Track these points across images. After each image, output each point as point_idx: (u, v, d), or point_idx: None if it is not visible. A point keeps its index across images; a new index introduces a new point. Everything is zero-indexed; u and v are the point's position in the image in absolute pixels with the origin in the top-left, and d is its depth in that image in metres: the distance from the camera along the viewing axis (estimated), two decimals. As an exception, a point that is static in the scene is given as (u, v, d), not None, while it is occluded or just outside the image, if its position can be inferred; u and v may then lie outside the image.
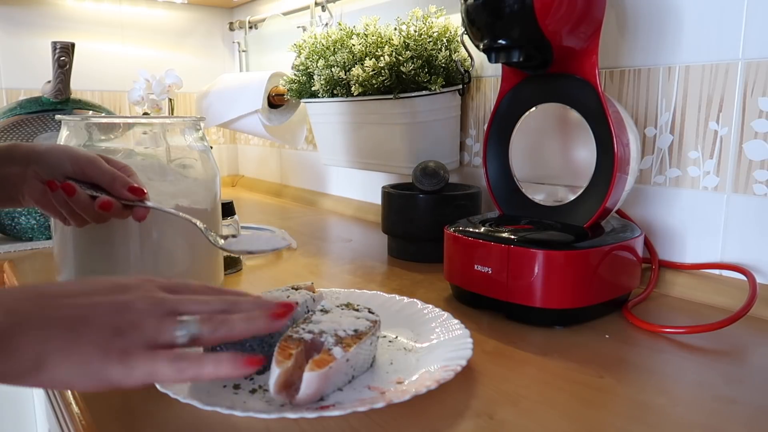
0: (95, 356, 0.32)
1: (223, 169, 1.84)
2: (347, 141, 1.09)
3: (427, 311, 0.60)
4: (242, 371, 0.35)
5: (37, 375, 0.32)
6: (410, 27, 0.91)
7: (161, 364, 0.33)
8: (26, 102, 1.01)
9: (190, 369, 0.34)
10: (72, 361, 0.32)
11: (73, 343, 0.32)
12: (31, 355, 0.32)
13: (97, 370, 0.32)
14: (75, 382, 0.33)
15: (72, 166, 0.56)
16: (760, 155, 0.65)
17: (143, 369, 0.33)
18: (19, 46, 1.48)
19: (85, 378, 0.32)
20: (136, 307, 0.35)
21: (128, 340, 0.33)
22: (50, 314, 0.33)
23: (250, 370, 0.35)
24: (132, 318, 0.34)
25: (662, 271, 0.74)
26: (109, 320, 0.34)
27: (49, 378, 0.32)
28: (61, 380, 0.32)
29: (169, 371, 0.33)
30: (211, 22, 1.77)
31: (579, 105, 0.67)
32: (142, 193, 0.57)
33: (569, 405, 0.45)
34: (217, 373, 0.34)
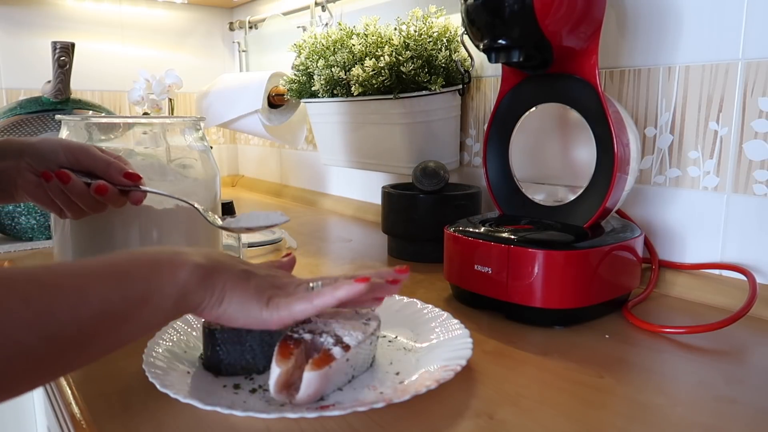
0: (254, 299, 0.42)
1: (223, 169, 1.84)
2: (347, 141, 1.09)
3: (426, 311, 0.60)
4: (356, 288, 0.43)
5: (219, 306, 0.41)
6: (410, 27, 0.91)
7: (298, 303, 0.43)
8: (26, 102, 1.01)
9: (319, 298, 0.43)
10: (239, 300, 0.42)
11: (244, 285, 0.43)
12: (219, 290, 0.41)
13: (253, 309, 0.42)
14: (238, 316, 0.42)
15: (66, 155, 0.56)
16: (760, 155, 0.65)
17: (285, 309, 0.42)
18: (19, 46, 1.48)
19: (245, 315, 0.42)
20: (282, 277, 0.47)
21: (275, 292, 0.44)
22: (233, 266, 0.44)
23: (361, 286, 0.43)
24: (279, 282, 0.46)
25: (662, 271, 0.74)
26: (267, 279, 0.45)
27: (224, 310, 0.42)
28: (231, 314, 0.42)
29: (302, 305, 0.42)
30: (211, 22, 1.77)
31: (579, 105, 0.67)
32: (137, 177, 0.57)
33: (569, 405, 0.45)
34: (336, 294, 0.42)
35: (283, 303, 0.43)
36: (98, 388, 0.47)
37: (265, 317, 0.42)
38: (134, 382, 0.47)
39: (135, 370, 0.48)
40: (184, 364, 0.50)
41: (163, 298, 0.38)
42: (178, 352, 0.51)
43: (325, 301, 0.43)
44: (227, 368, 0.48)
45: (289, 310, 0.42)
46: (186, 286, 0.40)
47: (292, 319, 0.43)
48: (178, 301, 0.39)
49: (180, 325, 0.55)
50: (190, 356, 0.51)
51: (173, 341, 0.53)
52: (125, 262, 0.39)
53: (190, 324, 0.56)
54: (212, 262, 0.42)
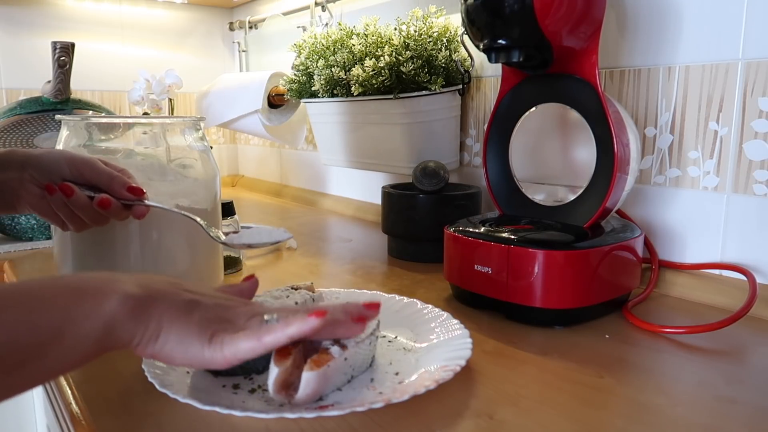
0: (195, 335, 0.38)
1: (223, 169, 1.84)
2: (347, 141, 1.09)
3: (426, 311, 0.60)
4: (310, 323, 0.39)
5: (153, 343, 0.37)
6: (410, 27, 0.91)
7: (243, 341, 0.38)
8: (26, 102, 1.01)
9: (266, 336, 0.38)
10: (178, 337, 0.38)
11: (185, 319, 0.38)
12: (155, 324, 0.37)
13: (194, 348, 0.38)
14: (177, 356, 0.38)
15: (69, 168, 0.56)
16: (760, 155, 0.65)
17: (228, 348, 0.38)
18: (19, 46, 1.48)
19: (185, 354, 0.38)
20: (234, 308, 0.42)
21: (221, 327, 0.39)
22: (174, 296, 0.39)
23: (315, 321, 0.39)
24: (229, 314, 0.41)
25: (662, 271, 0.74)
26: (214, 311, 0.40)
27: (160, 348, 0.37)
28: (168, 352, 0.38)
29: (250, 343, 0.38)
30: (211, 22, 1.77)
31: (579, 105, 0.67)
32: (141, 192, 0.57)
33: (569, 405, 0.45)
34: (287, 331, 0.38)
35: (227, 340, 0.38)
36: (98, 387, 0.47)
37: (206, 356, 0.38)
38: (134, 382, 0.47)
39: (135, 370, 0.48)
40: (184, 364, 0.50)
41: (81, 333, 0.34)
42: (178, 352, 0.51)
43: (276, 338, 0.38)
44: (226, 368, 0.48)
45: (234, 348, 0.38)
46: (113, 318, 0.35)
47: (236, 360, 0.38)
48: (103, 335, 0.35)
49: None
50: (190, 356, 0.51)
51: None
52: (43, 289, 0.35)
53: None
54: (148, 291, 0.38)
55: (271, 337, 0.38)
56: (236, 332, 0.39)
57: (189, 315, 0.39)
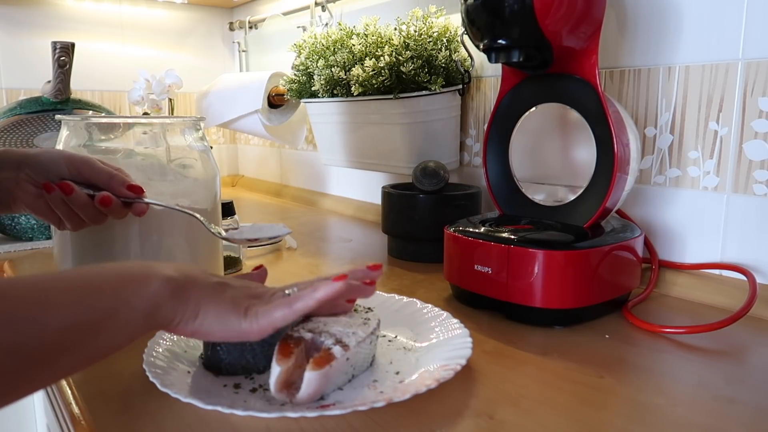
0: (231, 311, 0.41)
1: (223, 169, 1.84)
2: (347, 141, 1.09)
3: (426, 311, 0.60)
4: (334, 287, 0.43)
5: (194, 321, 0.41)
6: (410, 27, 0.91)
7: (277, 310, 0.42)
8: (26, 102, 1.01)
9: (298, 302, 0.42)
10: (216, 313, 0.41)
11: (219, 297, 0.42)
12: (194, 304, 0.41)
13: (231, 321, 0.41)
14: (216, 329, 0.41)
15: (68, 167, 0.56)
16: (760, 155, 0.65)
17: (264, 318, 0.42)
18: (19, 46, 1.48)
19: (224, 327, 0.41)
20: (257, 288, 0.46)
21: (252, 302, 0.43)
22: (206, 279, 0.43)
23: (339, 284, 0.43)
24: (255, 290, 0.45)
25: (662, 271, 0.74)
26: (242, 290, 0.44)
27: (201, 325, 0.41)
28: (208, 328, 0.41)
29: (282, 311, 0.42)
30: (211, 22, 1.77)
31: (579, 105, 0.67)
32: (140, 190, 0.58)
33: (569, 405, 0.45)
34: (315, 295, 0.42)
35: (261, 312, 0.42)
36: (98, 387, 0.47)
37: (244, 328, 0.41)
38: (134, 382, 0.47)
39: (135, 370, 0.48)
40: (185, 363, 0.50)
41: (132, 312, 0.37)
42: (179, 352, 0.51)
43: (306, 304, 0.42)
44: (227, 368, 0.48)
45: (269, 319, 0.41)
46: (156, 299, 0.38)
47: (272, 328, 0.42)
48: (149, 315, 0.38)
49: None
50: (191, 356, 0.51)
51: (173, 341, 0.53)
52: (92, 275, 0.38)
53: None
54: (184, 276, 0.41)
55: (301, 303, 0.42)
56: (267, 305, 0.43)
57: (222, 294, 0.42)
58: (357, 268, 0.49)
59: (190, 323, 0.41)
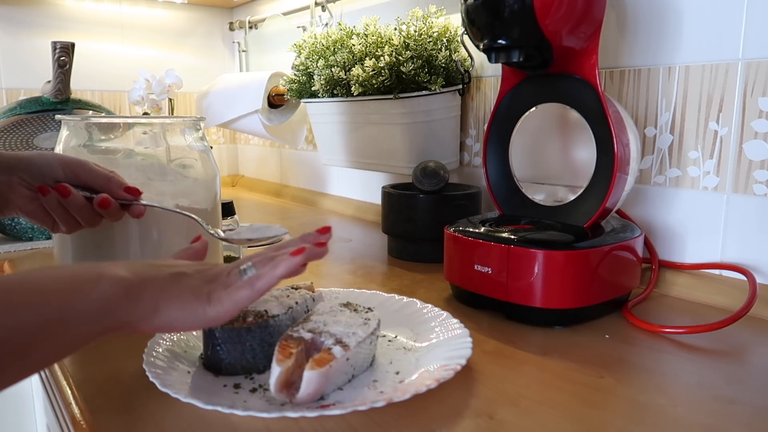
0: (192, 300, 0.41)
1: (223, 169, 1.84)
2: (347, 141, 1.09)
3: (426, 311, 0.60)
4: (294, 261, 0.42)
5: (154, 317, 0.39)
6: (410, 27, 0.91)
7: (240, 291, 0.41)
8: (26, 102, 1.01)
9: (260, 281, 0.42)
10: (177, 305, 0.40)
11: (178, 290, 0.41)
12: (150, 301, 0.39)
13: (196, 310, 0.41)
14: (181, 321, 0.41)
15: (63, 169, 0.56)
16: (760, 155, 0.65)
17: (228, 301, 0.41)
18: (19, 46, 1.48)
19: (188, 318, 0.41)
20: (212, 269, 0.45)
21: (212, 287, 0.42)
22: (159, 274, 0.42)
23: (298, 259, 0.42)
24: (211, 274, 0.44)
25: (662, 271, 0.74)
26: (199, 275, 0.43)
27: (162, 320, 0.40)
28: (172, 322, 0.40)
29: (246, 292, 0.41)
30: (211, 22, 1.77)
31: (579, 105, 0.67)
32: (138, 192, 0.58)
33: (569, 405, 0.45)
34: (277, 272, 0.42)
35: (224, 296, 0.41)
36: (98, 388, 0.47)
37: (210, 315, 0.41)
38: (134, 382, 0.47)
39: (135, 370, 0.48)
40: (184, 363, 0.50)
41: (81, 316, 0.36)
42: (179, 352, 0.51)
43: (268, 282, 0.42)
44: (227, 368, 0.48)
45: (233, 301, 0.41)
46: (108, 300, 0.37)
47: (238, 310, 0.41)
48: (100, 318, 0.37)
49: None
50: (190, 356, 0.51)
51: (173, 341, 0.53)
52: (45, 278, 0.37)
53: (190, 324, 0.56)
54: (136, 274, 0.40)
55: (263, 281, 0.42)
56: (227, 288, 0.42)
57: (179, 285, 0.41)
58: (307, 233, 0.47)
59: (151, 320, 0.39)
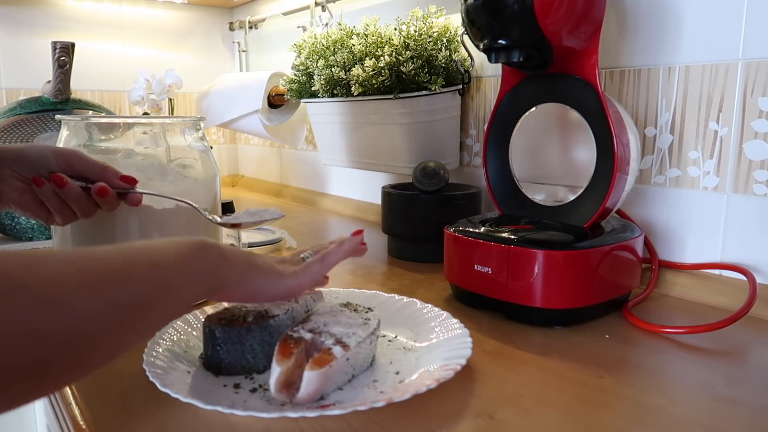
0: (274, 272, 0.46)
1: (223, 169, 1.84)
2: (347, 141, 1.09)
3: (426, 311, 0.60)
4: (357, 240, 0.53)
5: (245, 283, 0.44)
6: (410, 27, 0.91)
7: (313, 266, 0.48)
8: (26, 102, 1.01)
9: (330, 256, 0.50)
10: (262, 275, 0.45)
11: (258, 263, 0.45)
12: (241, 269, 0.44)
13: (278, 280, 0.46)
14: (267, 289, 0.45)
15: (57, 160, 0.55)
16: (760, 155, 0.65)
17: (303, 274, 0.47)
18: (19, 46, 1.48)
19: (273, 286, 0.45)
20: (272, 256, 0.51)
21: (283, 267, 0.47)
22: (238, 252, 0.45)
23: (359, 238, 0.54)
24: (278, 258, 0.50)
25: (662, 271, 0.74)
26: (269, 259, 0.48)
27: (251, 287, 0.44)
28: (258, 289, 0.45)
29: (319, 266, 0.49)
30: (211, 22, 1.77)
31: (579, 105, 0.67)
32: (134, 181, 0.58)
33: (569, 405, 0.45)
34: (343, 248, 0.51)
35: (299, 271, 0.47)
36: (98, 388, 0.47)
37: (291, 284, 0.46)
38: (135, 382, 0.47)
39: (135, 370, 0.48)
40: (184, 363, 0.50)
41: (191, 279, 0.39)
42: (179, 352, 0.51)
43: (337, 256, 0.50)
44: (227, 368, 0.48)
45: (308, 273, 0.47)
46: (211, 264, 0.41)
47: (312, 282, 0.48)
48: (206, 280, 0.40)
49: (180, 324, 0.55)
50: (190, 356, 0.51)
51: (173, 341, 0.53)
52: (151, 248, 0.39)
53: (190, 324, 0.56)
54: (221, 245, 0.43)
55: (333, 256, 0.50)
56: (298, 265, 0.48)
57: (258, 260, 0.46)
58: (344, 237, 0.54)
59: (242, 286, 0.44)
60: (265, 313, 0.50)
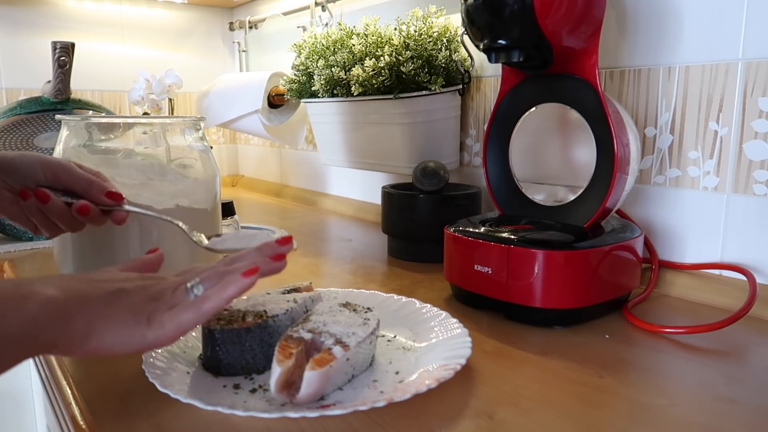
0: (131, 323, 0.38)
1: (223, 169, 1.84)
2: (347, 141, 1.09)
3: (425, 310, 0.60)
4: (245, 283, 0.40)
5: (87, 341, 0.36)
6: (410, 27, 0.91)
7: (184, 314, 0.39)
8: (26, 102, 1.01)
9: (207, 303, 0.39)
10: (113, 329, 0.37)
11: (115, 311, 0.38)
12: (82, 324, 0.36)
13: (134, 334, 0.38)
14: (117, 346, 0.37)
15: (44, 172, 0.54)
16: (760, 155, 0.65)
17: (171, 324, 0.38)
18: (19, 46, 1.47)
19: (125, 342, 0.38)
20: (156, 287, 0.42)
21: (154, 307, 0.39)
22: (95, 291, 0.38)
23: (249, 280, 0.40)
24: (155, 291, 0.41)
25: (662, 271, 0.74)
26: (140, 293, 0.40)
27: (96, 345, 0.37)
28: (106, 347, 0.37)
29: (190, 315, 0.39)
30: (211, 22, 1.77)
31: (579, 105, 0.67)
32: (120, 197, 0.55)
33: (569, 405, 0.45)
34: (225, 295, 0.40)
35: (167, 318, 0.38)
36: (98, 387, 0.47)
37: (150, 339, 0.38)
38: (134, 383, 0.47)
39: (135, 371, 0.48)
40: (184, 364, 0.50)
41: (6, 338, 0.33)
42: (178, 352, 0.51)
43: (215, 304, 0.39)
44: (227, 368, 0.48)
45: (176, 325, 0.38)
46: (35, 323, 0.34)
47: (181, 334, 0.39)
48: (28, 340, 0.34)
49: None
50: (190, 356, 0.51)
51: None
52: None
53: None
54: (68, 293, 0.37)
55: (210, 303, 0.39)
56: (170, 308, 0.39)
57: (117, 305, 0.38)
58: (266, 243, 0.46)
59: (82, 344, 0.36)
60: (264, 313, 0.50)
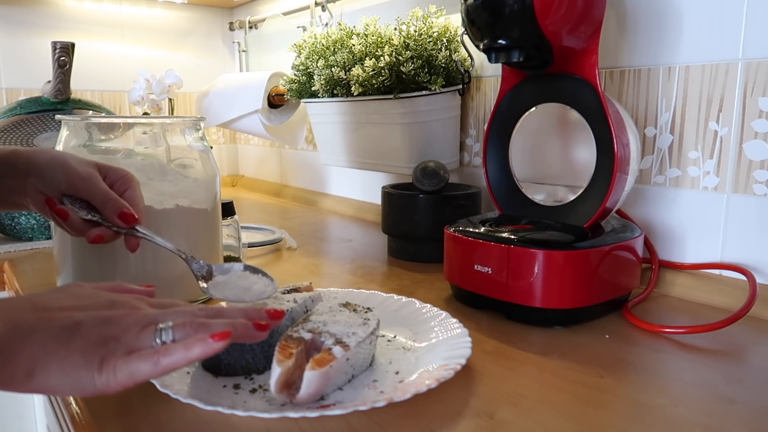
0: (80, 365, 0.35)
1: (223, 169, 1.84)
2: (347, 141, 1.09)
3: (425, 310, 0.60)
4: (213, 347, 0.36)
5: (29, 381, 0.34)
6: (410, 27, 0.91)
7: (139, 363, 0.35)
8: (26, 102, 1.01)
9: (167, 359, 0.36)
10: (60, 369, 0.34)
11: (64, 350, 0.35)
12: (25, 362, 0.34)
13: (82, 378, 0.35)
14: (63, 389, 0.35)
15: (67, 183, 0.54)
16: (760, 155, 0.65)
17: (123, 372, 0.35)
18: (19, 46, 1.48)
19: (71, 386, 0.35)
20: (121, 321, 0.38)
21: (110, 348, 0.36)
22: (44, 325, 0.35)
23: (219, 345, 0.37)
24: (115, 330, 0.37)
25: (662, 271, 0.74)
26: (96, 332, 0.36)
27: (39, 384, 0.34)
28: (51, 387, 0.34)
29: (147, 367, 0.35)
30: (211, 22, 1.77)
31: (579, 105, 0.67)
32: (133, 219, 0.53)
33: (569, 405, 0.45)
34: (189, 355, 0.36)
35: (120, 364, 0.35)
36: (98, 387, 0.47)
37: (98, 386, 0.35)
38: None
39: (135, 370, 0.48)
40: (184, 363, 0.50)
41: None
42: (178, 352, 0.51)
43: (175, 362, 0.36)
44: (227, 368, 0.48)
45: (128, 373, 0.35)
46: None
47: (133, 384, 0.35)
48: None
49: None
50: (190, 356, 0.51)
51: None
52: None
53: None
54: (13, 327, 0.34)
55: (169, 359, 0.36)
56: (128, 353, 0.36)
57: (68, 343, 0.35)
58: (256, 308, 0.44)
59: (24, 384, 0.34)
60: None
